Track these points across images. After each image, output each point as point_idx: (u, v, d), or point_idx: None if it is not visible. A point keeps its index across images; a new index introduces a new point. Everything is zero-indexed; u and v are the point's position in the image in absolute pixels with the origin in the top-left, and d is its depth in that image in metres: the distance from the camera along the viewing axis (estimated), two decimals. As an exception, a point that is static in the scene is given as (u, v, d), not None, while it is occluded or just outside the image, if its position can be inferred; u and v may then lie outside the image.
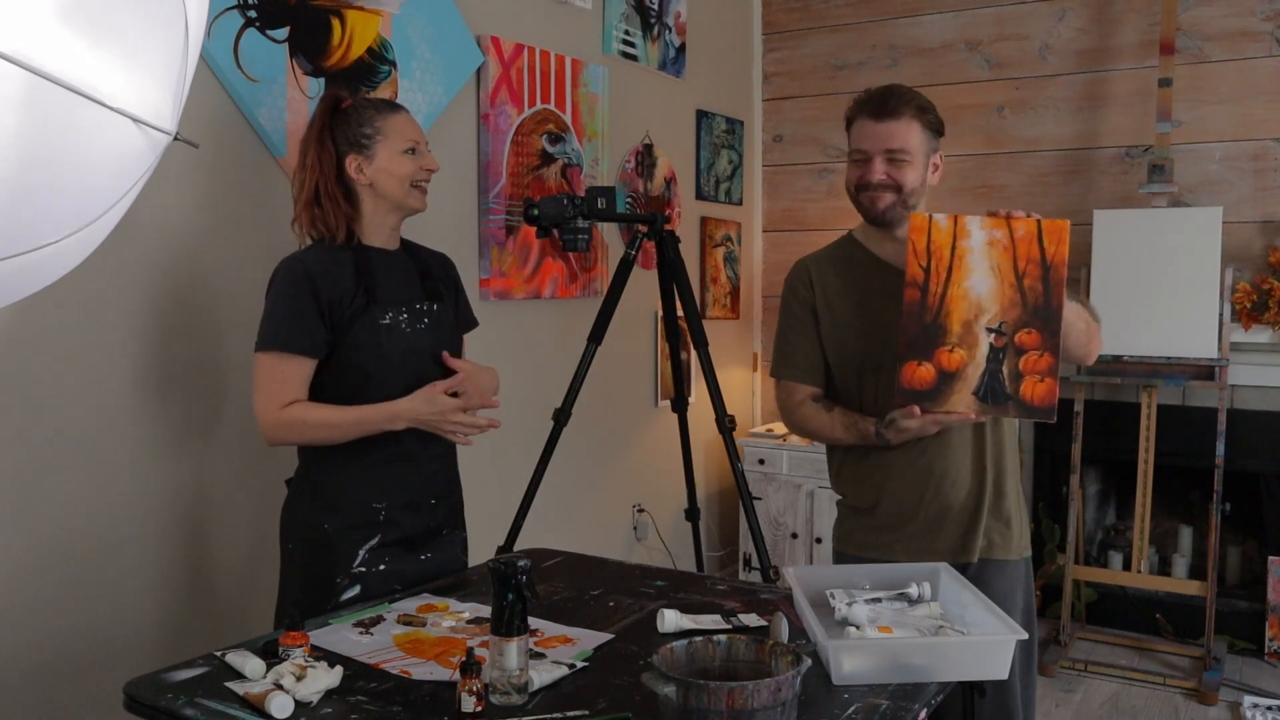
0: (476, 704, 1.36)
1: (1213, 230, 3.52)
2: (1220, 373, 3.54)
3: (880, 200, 2.03)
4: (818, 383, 2.17)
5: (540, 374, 3.29)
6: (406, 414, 1.89)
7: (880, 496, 2.09)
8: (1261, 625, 3.75)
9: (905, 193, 2.02)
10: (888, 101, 2.01)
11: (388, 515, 1.95)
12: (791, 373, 2.19)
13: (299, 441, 1.95)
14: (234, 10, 2.30)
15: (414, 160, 1.98)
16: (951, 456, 2.04)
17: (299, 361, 1.88)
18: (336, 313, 1.90)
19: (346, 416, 1.89)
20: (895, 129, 2.00)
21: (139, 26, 0.99)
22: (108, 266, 2.05)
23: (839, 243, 2.22)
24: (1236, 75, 3.77)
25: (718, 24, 4.40)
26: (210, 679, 1.48)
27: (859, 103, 2.06)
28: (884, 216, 2.05)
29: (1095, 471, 4.28)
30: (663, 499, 4.00)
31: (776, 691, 1.23)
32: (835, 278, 2.15)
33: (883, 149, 2.01)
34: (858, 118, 2.05)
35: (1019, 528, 2.09)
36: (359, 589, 1.92)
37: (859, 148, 2.05)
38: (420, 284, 2.04)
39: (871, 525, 2.10)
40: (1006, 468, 2.09)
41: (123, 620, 2.17)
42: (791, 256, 4.64)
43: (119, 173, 1.04)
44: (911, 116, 2.01)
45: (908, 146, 2.01)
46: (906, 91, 2.04)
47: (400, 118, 2.00)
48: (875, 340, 2.06)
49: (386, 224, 2.01)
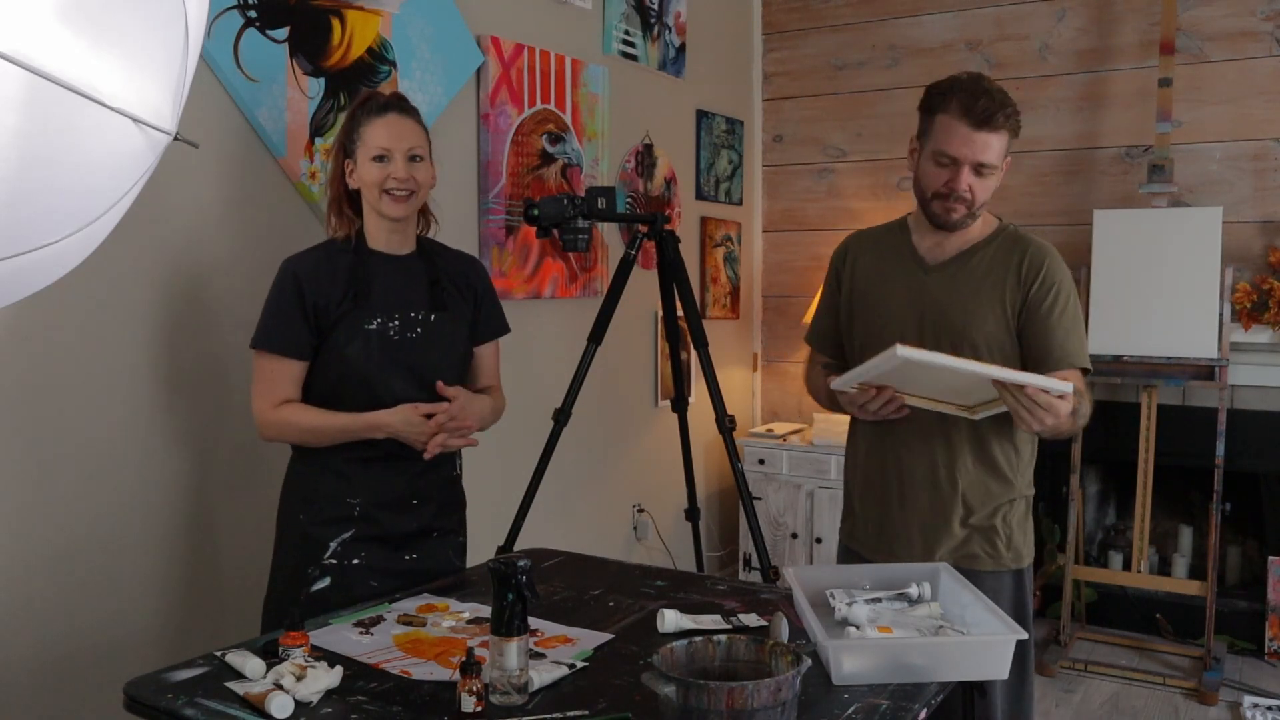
0: (476, 704, 1.36)
1: (1213, 230, 3.52)
2: (1220, 373, 3.54)
3: (955, 211, 1.96)
4: (831, 352, 2.20)
5: (540, 374, 3.29)
6: (386, 427, 1.92)
7: (852, 494, 2.18)
8: (1261, 625, 3.75)
9: (978, 205, 1.96)
10: (991, 114, 1.88)
11: (363, 511, 1.96)
12: (812, 338, 2.28)
13: (288, 440, 1.99)
14: (234, 10, 2.30)
15: (381, 169, 1.94)
16: (909, 465, 2.03)
17: (285, 362, 1.94)
18: (321, 315, 1.93)
19: (333, 423, 1.93)
20: (992, 141, 1.90)
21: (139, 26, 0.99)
22: (108, 267, 2.05)
23: (891, 224, 2.19)
24: (1236, 75, 3.77)
25: (718, 24, 4.39)
26: (210, 679, 1.48)
27: (957, 101, 1.91)
28: (955, 225, 1.99)
29: (1095, 471, 4.28)
30: (663, 499, 4.00)
31: (776, 691, 1.23)
32: (870, 256, 2.15)
33: (975, 160, 1.91)
34: (951, 116, 1.91)
35: (1009, 541, 2.02)
36: (329, 580, 1.94)
37: (949, 152, 1.92)
38: (426, 292, 2.02)
39: (850, 520, 2.19)
40: (987, 483, 2.01)
41: (123, 620, 2.17)
42: (791, 256, 4.69)
43: (119, 173, 1.04)
44: (1006, 129, 1.91)
45: (997, 160, 1.93)
46: (1001, 96, 1.92)
47: (381, 122, 1.95)
48: (875, 322, 2.08)
49: (381, 227, 2.01)
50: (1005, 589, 2.00)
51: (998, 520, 2.01)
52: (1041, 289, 1.97)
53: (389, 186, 1.95)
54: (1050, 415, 1.75)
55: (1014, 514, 2.03)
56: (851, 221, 4.47)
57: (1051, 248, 2.02)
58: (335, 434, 1.93)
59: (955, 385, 1.85)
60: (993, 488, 2.01)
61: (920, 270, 2.05)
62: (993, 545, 2.01)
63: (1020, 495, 2.05)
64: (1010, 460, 2.02)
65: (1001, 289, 1.98)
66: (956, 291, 2.00)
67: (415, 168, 1.96)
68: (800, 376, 4.64)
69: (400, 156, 1.94)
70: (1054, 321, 1.96)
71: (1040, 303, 1.96)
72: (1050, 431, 1.81)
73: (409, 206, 1.98)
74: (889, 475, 2.06)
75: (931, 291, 2.02)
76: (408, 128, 1.97)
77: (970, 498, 2.00)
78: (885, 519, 2.08)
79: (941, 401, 1.93)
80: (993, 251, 2.02)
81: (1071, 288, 2.00)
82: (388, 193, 1.95)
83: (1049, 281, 1.97)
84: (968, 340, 1.97)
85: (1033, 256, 1.99)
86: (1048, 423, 1.76)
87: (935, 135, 1.94)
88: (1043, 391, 1.73)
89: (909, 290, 2.04)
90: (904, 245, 2.10)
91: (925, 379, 1.85)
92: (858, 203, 4.48)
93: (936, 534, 2.01)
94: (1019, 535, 2.04)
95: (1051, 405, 1.74)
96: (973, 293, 1.99)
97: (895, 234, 2.14)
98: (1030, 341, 1.98)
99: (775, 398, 4.77)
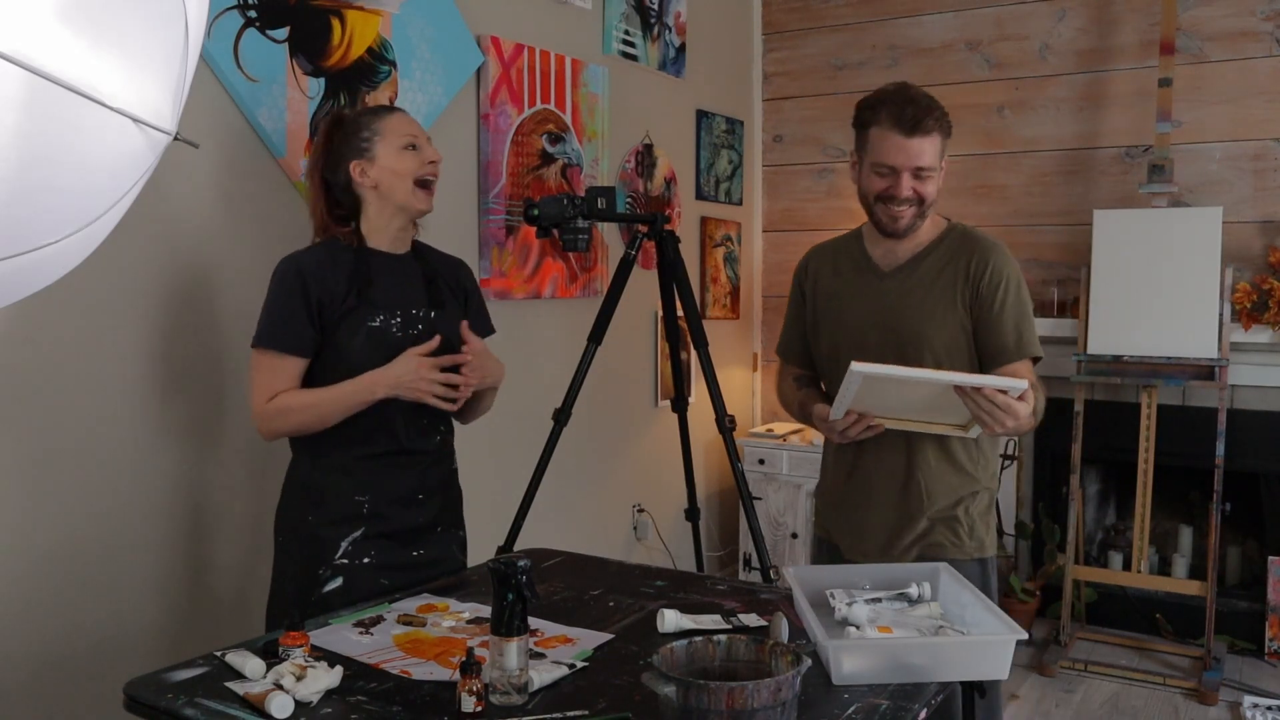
0: (476, 704, 1.36)
1: (1213, 230, 3.52)
2: (1220, 373, 3.54)
3: (903, 217, 2.02)
4: (802, 364, 2.26)
5: (540, 374, 3.29)
6: (383, 380, 1.89)
7: (824, 489, 2.25)
8: (1261, 625, 3.75)
9: (926, 205, 2.02)
10: (920, 120, 1.94)
11: (372, 509, 1.96)
12: (782, 351, 2.33)
13: (289, 429, 1.95)
14: (234, 10, 2.30)
15: (415, 156, 1.97)
16: (874, 463, 2.09)
17: (288, 360, 1.92)
18: (326, 312, 1.92)
19: (326, 394, 1.91)
20: (925, 145, 1.96)
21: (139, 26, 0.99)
22: (108, 267, 2.05)
23: (848, 235, 2.25)
24: (1236, 75, 3.77)
25: (718, 24, 4.40)
26: (210, 679, 1.48)
27: (886, 113, 1.97)
28: (903, 232, 2.05)
29: (1095, 471, 4.28)
30: (663, 499, 4.00)
31: (776, 691, 1.23)
32: (827, 267, 2.21)
33: (912, 166, 1.97)
34: (882, 128, 1.98)
35: (971, 530, 2.08)
36: (341, 580, 1.93)
37: (885, 163, 1.99)
38: (424, 290, 2.03)
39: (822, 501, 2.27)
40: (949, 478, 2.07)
41: (123, 620, 2.17)
42: (792, 256, 4.65)
43: (119, 173, 1.04)
44: (937, 131, 1.98)
45: (934, 162, 1.99)
46: (928, 101, 1.98)
47: (396, 116, 2.00)
48: (835, 334, 2.14)
49: (392, 227, 2.01)
50: (972, 577, 2.02)
51: (959, 510, 2.08)
52: (990, 284, 2.02)
53: (425, 174, 1.97)
54: (1010, 417, 1.81)
55: (976, 505, 2.10)
56: (851, 221, 4.44)
57: (998, 243, 2.08)
58: (332, 405, 1.90)
59: (930, 400, 1.89)
60: (954, 481, 2.08)
61: (875, 277, 2.11)
62: (955, 534, 2.07)
63: (984, 488, 2.11)
64: (972, 455, 2.09)
65: (953, 289, 2.04)
66: (911, 295, 2.06)
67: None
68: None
69: (425, 142, 1.99)
70: (1004, 313, 2.02)
71: (990, 298, 2.02)
72: (1012, 432, 1.87)
73: (433, 199, 2.01)
74: (857, 473, 2.14)
75: (888, 297, 2.08)
76: (418, 122, 2.03)
77: (933, 491, 2.07)
78: (853, 513, 2.14)
79: (933, 423, 1.97)
80: (943, 252, 2.08)
81: (1019, 279, 2.06)
82: (421, 185, 1.97)
83: (996, 276, 2.03)
84: (925, 343, 2.03)
85: (980, 254, 2.05)
86: (1009, 425, 1.82)
87: (871, 148, 2.01)
88: (999, 392, 1.78)
89: (865, 298, 2.11)
90: (857, 254, 2.16)
91: (897, 396, 1.89)
92: (857, 203, 4.45)
93: (900, 525, 2.08)
94: (980, 526, 2.10)
95: (1009, 406, 1.80)
96: (926, 295, 2.06)
97: (851, 243, 2.20)
98: (983, 336, 2.04)
99: (775, 398, 4.76)
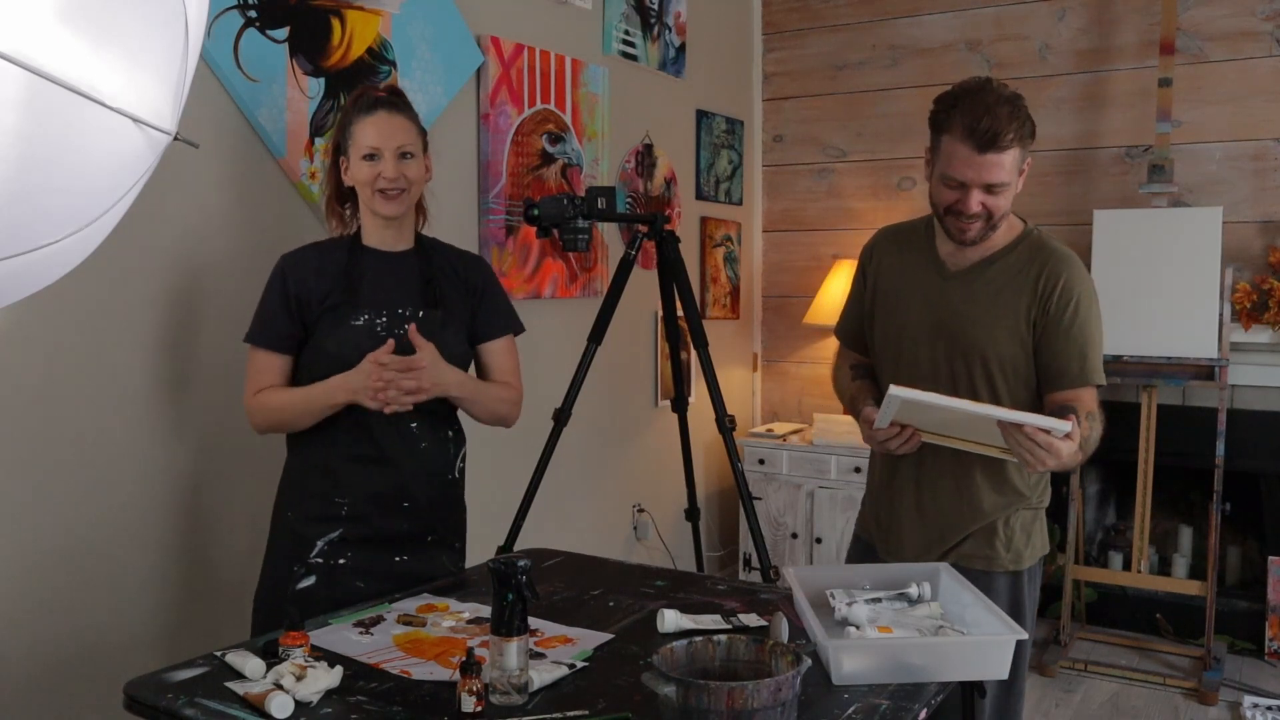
0: (476, 704, 1.36)
1: (1213, 230, 3.52)
2: (1220, 373, 3.54)
3: (970, 230, 1.89)
4: (859, 348, 2.17)
5: (540, 374, 3.28)
6: (342, 386, 1.89)
7: (870, 491, 2.18)
8: (1261, 625, 3.75)
9: (997, 218, 1.89)
10: (996, 136, 1.78)
11: (352, 511, 1.95)
12: (841, 335, 2.24)
13: (270, 425, 1.99)
14: (234, 10, 2.30)
15: (371, 168, 1.94)
16: (924, 474, 2.03)
17: (271, 356, 1.97)
18: (306, 310, 1.95)
19: (298, 395, 1.94)
20: (1001, 161, 1.81)
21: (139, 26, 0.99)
22: (107, 267, 2.05)
23: (918, 221, 2.11)
24: (1236, 75, 3.77)
25: (718, 24, 4.39)
26: (210, 679, 1.48)
27: (960, 122, 1.81)
28: (970, 244, 1.93)
29: (1095, 471, 4.28)
30: (663, 499, 4.00)
31: (776, 691, 1.23)
32: (894, 254, 2.10)
33: (983, 183, 1.83)
34: (955, 139, 1.83)
35: (1009, 543, 2.00)
36: (314, 579, 1.94)
37: (954, 176, 1.84)
38: (419, 289, 2.02)
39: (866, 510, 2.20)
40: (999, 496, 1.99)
41: (123, 620, 2.17)
42: (791, 256, 4.69)
43: (119, 173, 1.04)
44: (1016, 145, 1.82)
45: (1009, 177, 1.84)
46: (1009, 110, 1.80)
47: (370, 121, 1.94)
48: (890, 329, 2.05)
49: (377, 225, 2.02)
50: (1000, 589, 1.98)
51: (999, 523, 1.99)
52: (1060, 302, 1.91)
53: (379, 185, 1.95)
54: (1052, 456, 1.71)
55: (1018, 519, 2.01)
56: (851, 221, 4.48)
57: (1072, 256, 1.96)
58: (300, 406, 1.93)
59: (972, 424, 1.81)
60: (1003, 499, 1.99)
61: (939, 277, 2.00)
62: (992, 546, 1.99)
63: (1033, 506, 2.03)
64: (1024, 473, 1.98)
65: (1018, 302, 1.93)
66: (974, 302, 1.95)
67: (405, 165, 1.96)
68: (801, 376, 4.67)
69: (390, 155, 1.94)
70: (1070, 335, 1.91)
71: (1058, 317, 1.91)
72: (1053, 469, 1.78)
73: (401, 205, 1.98)
74: (904, 480, 2.05)
75: (950, 302, 1.97)
76: (397, 125, 1.96)
77: (981, 506, 1.98)
78: (896, 518, 2.07)
79: (978, 443, 1.87)
80: (1014, 259, 1.96)
81: (1092, 298, 1.94)
82: (380, 192, 1.96)
83: (1067, 294, 1.91)
84: (981, 355, 1.94)
85: (1051, 268, 1.92)
86: (1049, 464, 1.73)
87: (942, 156, 1.87)
88: (1042, 431, 1.69)
89: (926, 298, 2.00)
90: (925, 247, 2.04)
91: (940, 417, 1.82)
92: (858, 203, 4.48)
93: (942, 535, 2.02)
94: (1020, 538, 2.01)
95: (1051, 446, 1.70)
96: (989, 304, 1.94)
97: (920, 233, 2.08)
98: (1045, 356, 1.93)
99: (775, 398, 4.77)
